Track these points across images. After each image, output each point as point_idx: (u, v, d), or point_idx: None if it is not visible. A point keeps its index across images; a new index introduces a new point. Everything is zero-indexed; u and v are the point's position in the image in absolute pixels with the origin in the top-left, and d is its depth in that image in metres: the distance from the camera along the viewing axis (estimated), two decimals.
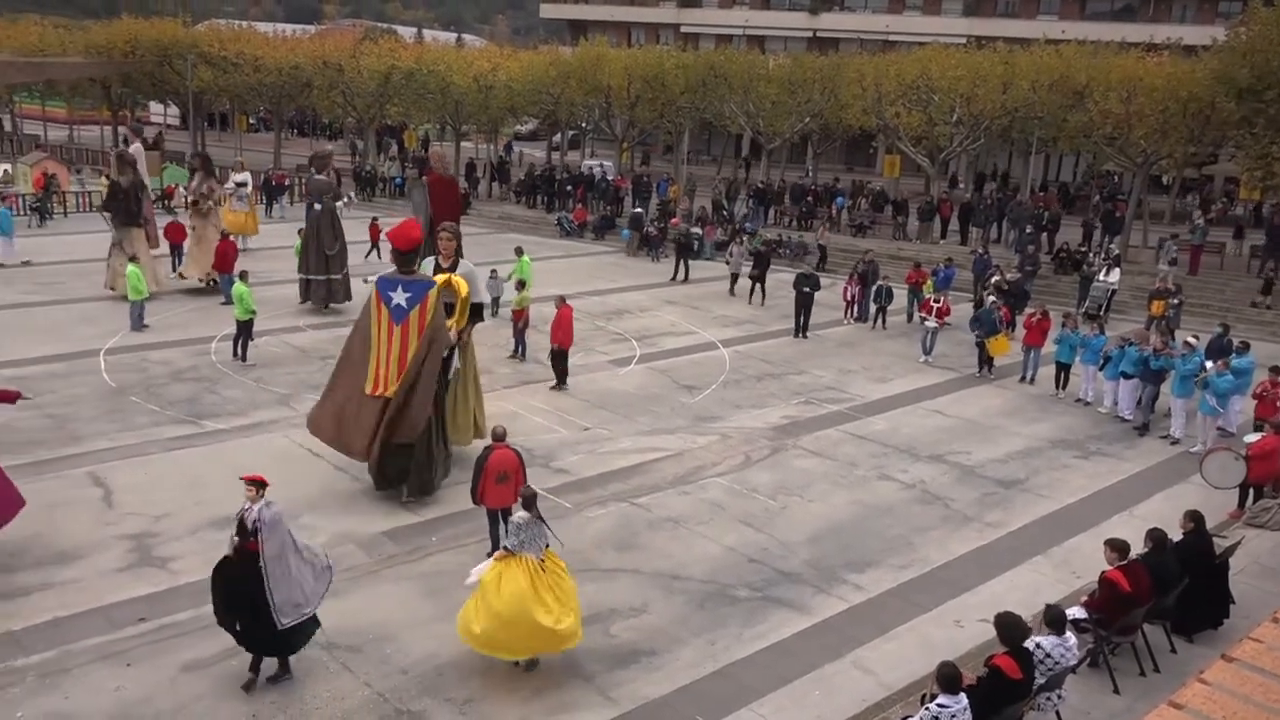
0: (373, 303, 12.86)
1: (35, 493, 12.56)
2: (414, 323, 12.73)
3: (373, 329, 12.79)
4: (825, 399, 18.44)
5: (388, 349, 12.70)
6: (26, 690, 8.84)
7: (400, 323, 12.69)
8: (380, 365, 12.73)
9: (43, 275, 24.50)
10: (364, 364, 12.85)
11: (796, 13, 57.08)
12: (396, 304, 12.71)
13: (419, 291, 12.80)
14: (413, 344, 12.74)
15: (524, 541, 9.21)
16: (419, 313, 12.73)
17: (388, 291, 12.77)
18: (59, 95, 54.40)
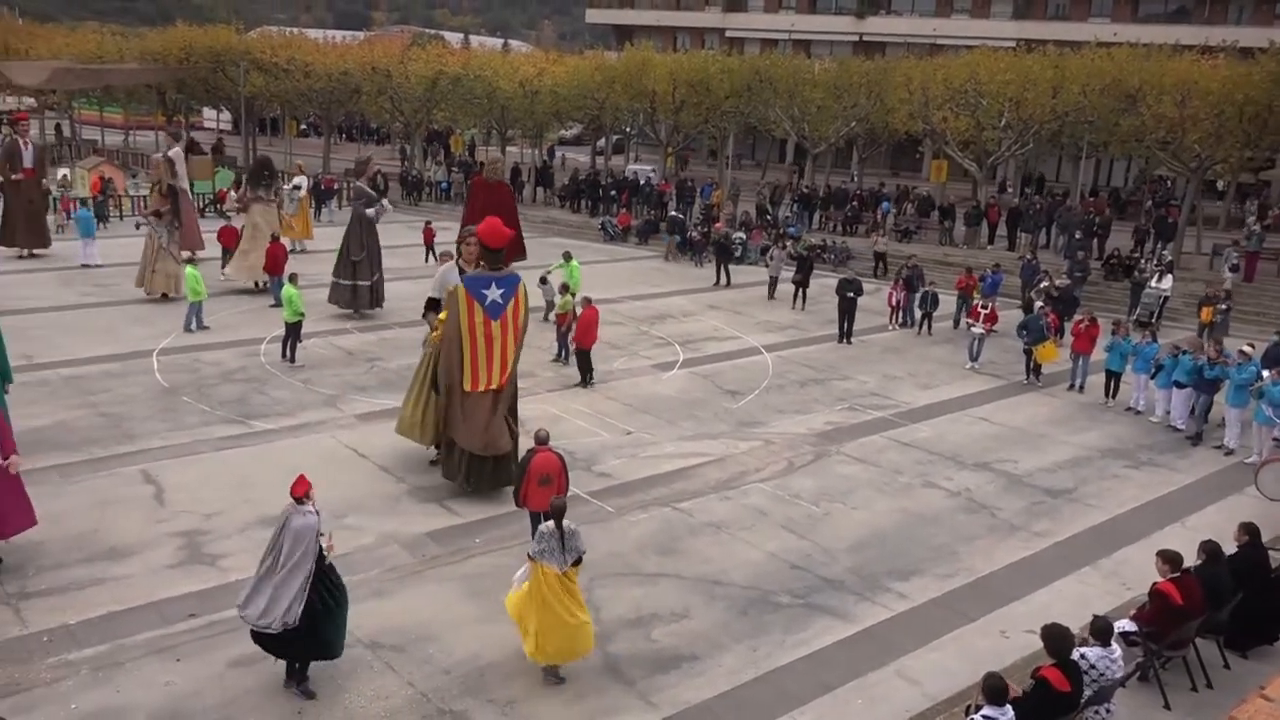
0: (462, 303, 12.83)
1: (89, 490, 12.89)
2: (510, 318, 13.01)
3: (464, 327, 12.82)
4: (869, 405, 18.30)
5: (486, 346, 12.90)
6: (80, 683, 9.03)
7: (498, 318, 12.92)
8: (479, 362, 12.92)
9: (99, 277, 25.04)
10: (459, 365, 12.98)
11: (842, 17, 56.76)
12: (492, 300, 12.88)
13: (510, 287, 13.07)
14: (511, 340, 13.07)
15: (543, 551, 9.14)
16: (514, 308, 13.03)
17: (480, 290, 12.87)
18: (116, 101, 55.57)
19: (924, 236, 35.10)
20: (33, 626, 9.82)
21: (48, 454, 13.70)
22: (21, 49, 55.33)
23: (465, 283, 13.00)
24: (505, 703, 9.11)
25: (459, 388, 13.03)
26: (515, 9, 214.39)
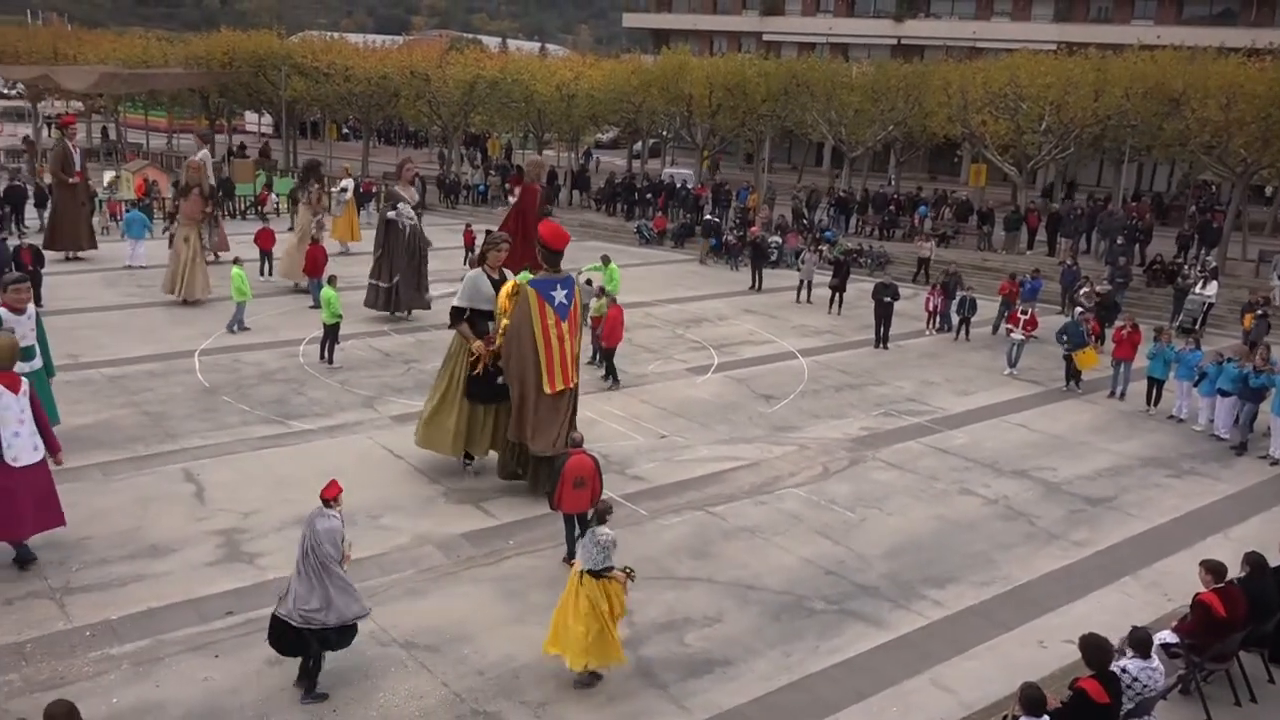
0: (533, 304, 12.95)
1: (132, 487, 13.09)
2: (573, 317, 13.33)
3: (537, 329, 12.93)
4: (906, 411, 18.16)
5: (560, 346, 13.10)
6: (121, 677, 9.18)
7: (565, 319, 13.15)
8: (554, 363, 13.09)
9: (143, 278, 25.44)
10: (536, 368, 13.04)
11: (881, 20, 56.44)
12: (559, 301, 13.12)
13: (570, 287, 13.40)
14: (572, 338, 13.33)
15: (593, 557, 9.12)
16: (574, 306, 13.37)
17: (548, 291, 13.09)
18: (160, 105, 56.47)
19: (962, 241, 34.80)
20: (76, 621, 9.99)
21: (92, 452, 13.94)
22: (70, 54, 56.40)
23: (535, 285, 13.13)
24: (538, 704, 9.14)
25: (536, 391, 13.02)
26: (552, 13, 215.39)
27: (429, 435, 13.89)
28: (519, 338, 13.01)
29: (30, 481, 10.81)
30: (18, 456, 10.69)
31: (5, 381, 10.72)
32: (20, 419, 10.75)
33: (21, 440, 10.73)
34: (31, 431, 10.84)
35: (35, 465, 10.87)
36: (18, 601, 10.27)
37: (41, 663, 9.29)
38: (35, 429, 10.90)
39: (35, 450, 10.86)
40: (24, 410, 10.78)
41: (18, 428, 10.71)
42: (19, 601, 10.28)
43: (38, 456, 10.90)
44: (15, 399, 10.72)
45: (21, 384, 10.88)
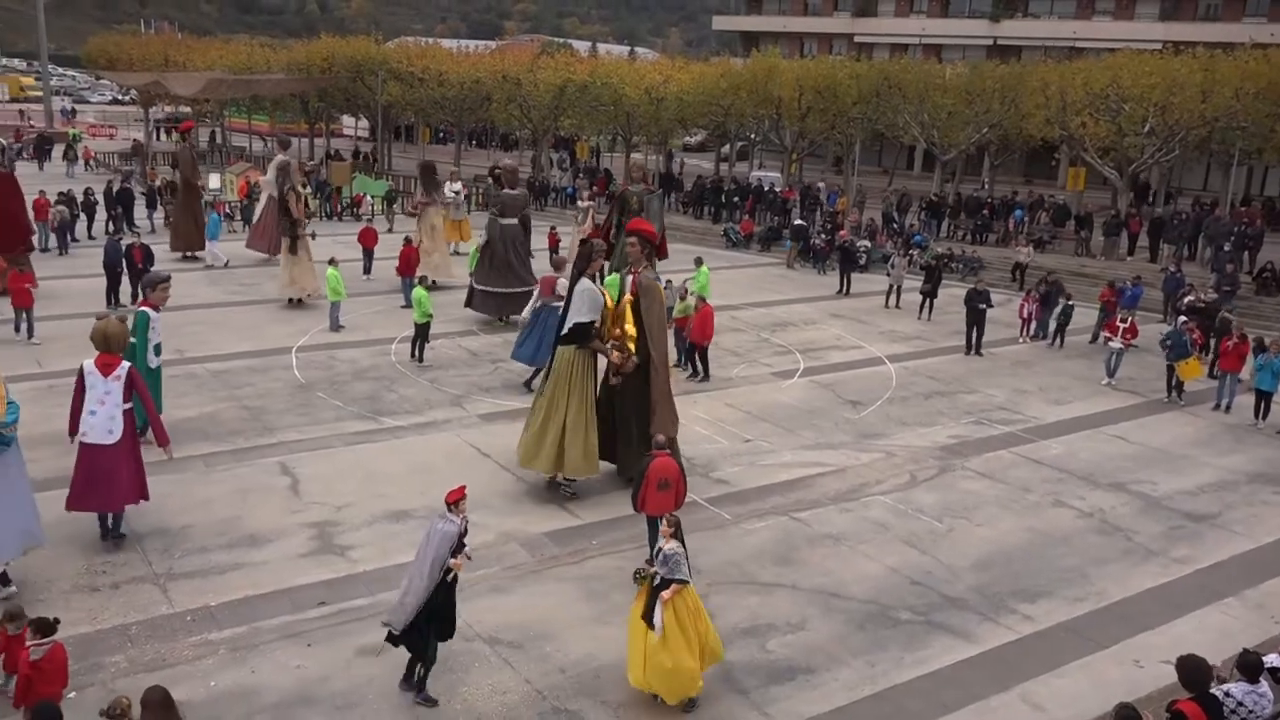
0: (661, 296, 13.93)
1: (232, 478, 13.56)
2: None
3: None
4: (997, 419, 17.75)
5: None
6: (219, 662, 9.51)
7: None
8: None
9: (243, 276, 26.33)
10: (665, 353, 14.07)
11: (976, 20, 55.26)
12: None
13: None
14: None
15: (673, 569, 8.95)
16: None
17: None
18: (263, 109, 58.41)
19: (1059, 247, 33.88)
20: (178, 606, 10.39)
21: (196, 443, 14.48)
22: (180, 61, 58.78)
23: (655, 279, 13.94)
24: (618, 705, 9.18)
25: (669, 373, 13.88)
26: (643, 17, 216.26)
27: (574, 461, 13.19)
28: (660, 325, 13.73)
29: (98, 460, 11.24)
30: (87, 433, 11.21)
31: (101, 362, 11.30)
32: (101, 400, 11.22)
33: (96, 419, 11.21)
34: (109, 416, 11.23)
35: (107, 447, 11.22)
36: (124, 586, 10.73)
37: (145, 645, 9.69)
38: (116, 414, 11.25)
39: (109, 434, 11.23)
40: (108, 394, 11.23)
41: (96, 407, 11.20)
42: (125, 586, 10.73)
43: (110, 440, 11.22)
44: (103, 380, 11.23)
45: (115, 369, 11.34)
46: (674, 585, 8.85)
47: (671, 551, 8.91)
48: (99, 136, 62.20)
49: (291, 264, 23.40)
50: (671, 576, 8.87)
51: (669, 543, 8.95)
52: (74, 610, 10.07)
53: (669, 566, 8.89)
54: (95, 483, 11.27)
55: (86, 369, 11.32)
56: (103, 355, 11.40)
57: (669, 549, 8.92)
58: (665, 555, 8.92)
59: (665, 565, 8.90)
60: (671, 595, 8.82)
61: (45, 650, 8.11)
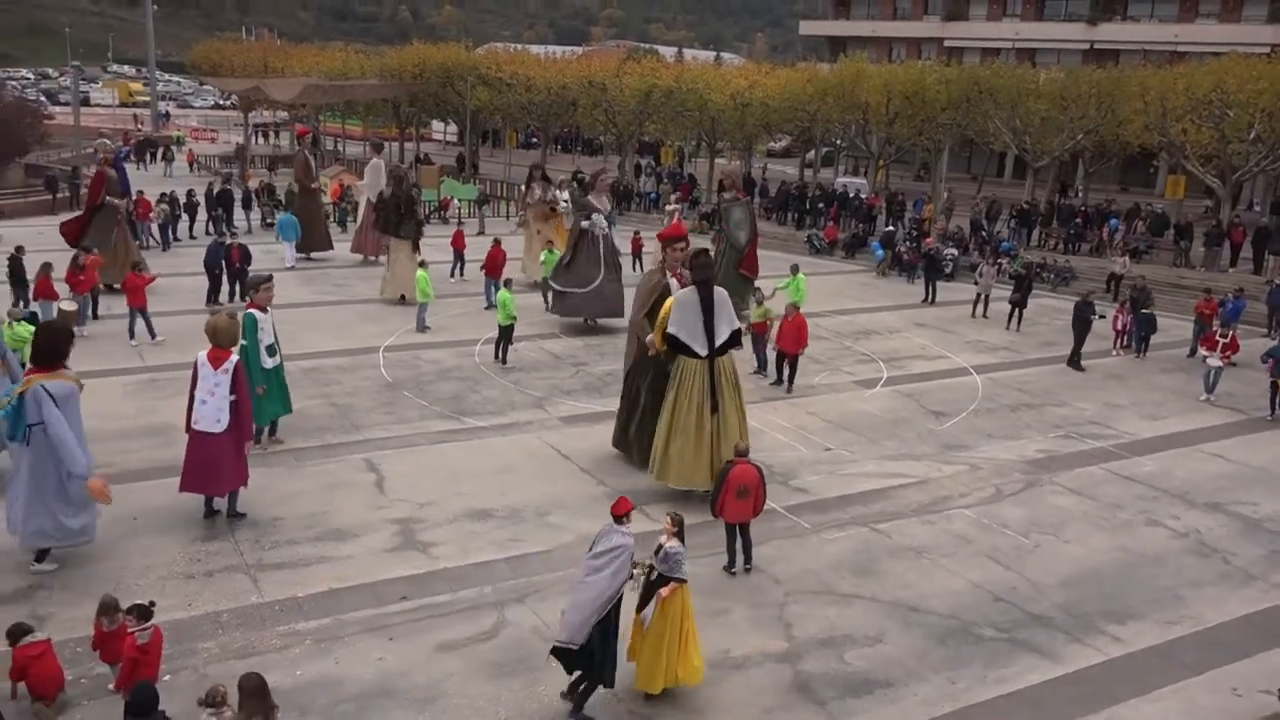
0: None
1: (321, 474, 13.92)
2: None
3: None
4: (1087, 434, 17.26)
5: None
6: (305, 652, 9.77)
7: None
8: None
9: (335, 277, 27.03)
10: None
11: (1072, 24, 53.86)
12: None
13: None
14: None
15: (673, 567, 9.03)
16: None
17: None
18: (356, 114, 59.93)
19: (1156, 257, 32.80)
20: (267, 596, 10.70)
21: (288, 439, 14.90)
22: (279, 67, 60.66)
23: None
24: (692, 710, 9.17)
25: None
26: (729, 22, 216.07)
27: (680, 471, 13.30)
28: None
29: (209, 447, 11.84)
30: (198, 421, 11.82)
31: (213, 355, 11.89)
32: (211, 391, 11.80)
33: (206, 409, 11.80)
34: (219, 406, 11.80)
35: (215, 435, 11.81)
36: (217, 574, 11.10)
37: (236, 632, 10.00)
38: (224, 405, 11.82)
39: (218, 423, 11.82)
40: (218, 385, 11.81)
41: (206, 397, 11.80)
42: (219, 574, 11.10)
43: (218, 429, 11.82)
44: (213, 372, 11.81)
45: (225, 361, 11.90)
46: (672, 583, 8.96)
47: (673, 550, 8.99)
48: (201, 140, 64.49)
49: (398, 264, 24.01)
50: (671, 574, 8.97)
51: (670, 541, 9.03)
52: (169, 596, 10.45)
53: (669, 564, 8.97)
54: (203, 468, 11.89)
55: (200, 361, 11.92)
56: (214, 349, 11.96)
57: (670, 547, 9.01)
58: (666, 553, 8.99)
59: (665, 563, 8.98)
60: (669, 593, 8.95)
61: (149, 634, 8.47)
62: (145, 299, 19.91)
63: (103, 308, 21.62)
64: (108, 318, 21.19)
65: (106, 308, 21.81)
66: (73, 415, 10.72)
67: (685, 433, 13.08)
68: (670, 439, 13.20)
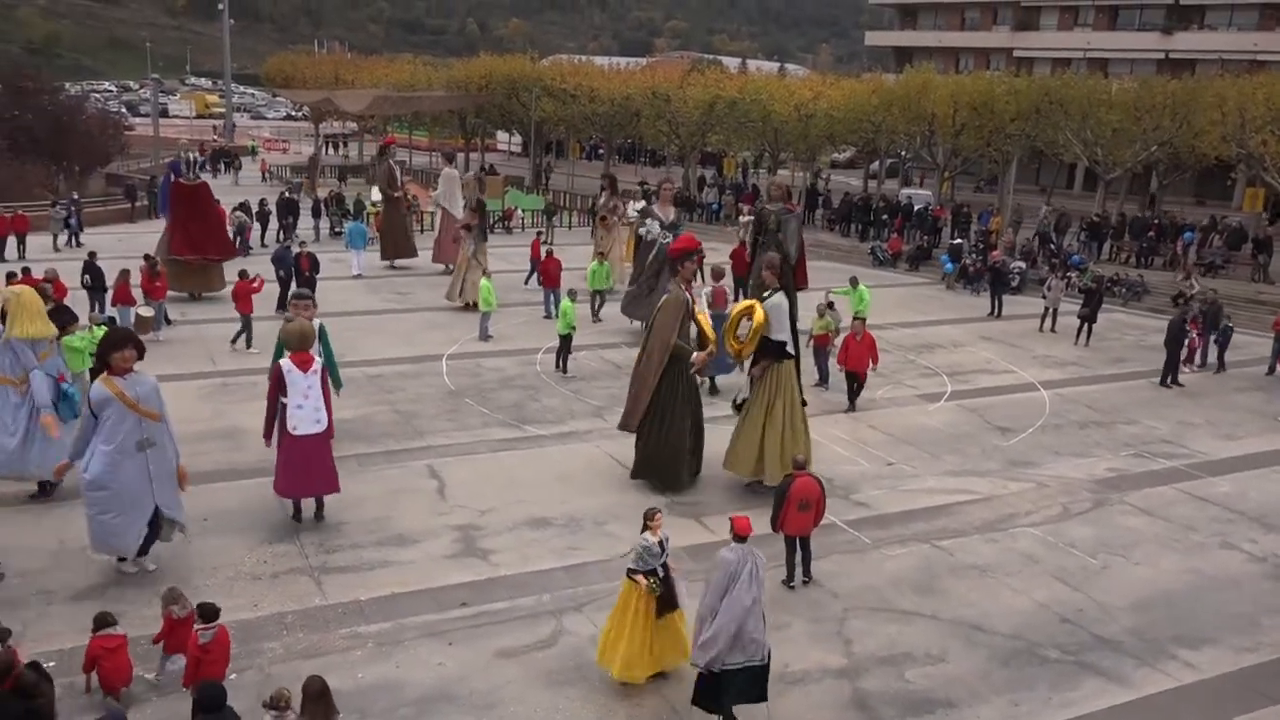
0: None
1: (384, 479, 14.12)
2: None
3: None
4: (1159, 453, 16.81)
5: None
6: (367, 655, 9.91)
7: None
8: None
9: (399, 285, 27.45)
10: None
11: (1147, 33, 52.74)
12: None
13: None
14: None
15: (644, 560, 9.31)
16: None
17: None
18: (423, 125, 60.87)
19: (1233, 272, 31.87)
20: (330, 599, 10.88)
21: (352, 444, 15.14)
22: (349, 79, 61.87)
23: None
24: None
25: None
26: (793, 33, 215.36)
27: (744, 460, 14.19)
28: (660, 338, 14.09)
29: (308, 450, 12.11)
30: (297, 426, 12.02)
31: (297, 359, 12.14)
32: (305, 394, 12.05)
33: (303, 412, 12.05)
34: (315, 407, 12.10)
35: (314, 436, 12.11)
36: (283, 576, 11.32)
37: (300, 634, 10.19)
38: (320, 405, 12.13)
39: (316, 424, 12.12)
40: (311, 387, 12.10)
41: (301, 401, 12.03)
42: (284, 576, 11.32)
43: (318, 429, 12.12)
44: (303, 376, 12.07)
45: (312, 364, 12.19)
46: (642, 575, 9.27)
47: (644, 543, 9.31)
48: (273, 150, 66.02)
49: (466, 271, 24.39)
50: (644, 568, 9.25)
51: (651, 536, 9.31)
52: (237, 596, 10.69)
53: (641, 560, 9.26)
54: (302, 469, 12.17)
55: (285, 367, 12.11)
56: (298, 353, 12.20)
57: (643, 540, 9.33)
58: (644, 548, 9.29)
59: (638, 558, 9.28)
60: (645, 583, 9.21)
61: (212, 634, 8.66)
62: (252, 305, 20.31)
63: (176, 313, 22.22)
64: (181, 323, 21.77)
65: (180, 313, 22.42)
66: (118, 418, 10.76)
67: (777, 429, 13.79)
68: (765, 438, 13.75)
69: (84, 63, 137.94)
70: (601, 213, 27.25)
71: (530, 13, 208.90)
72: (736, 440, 14.17)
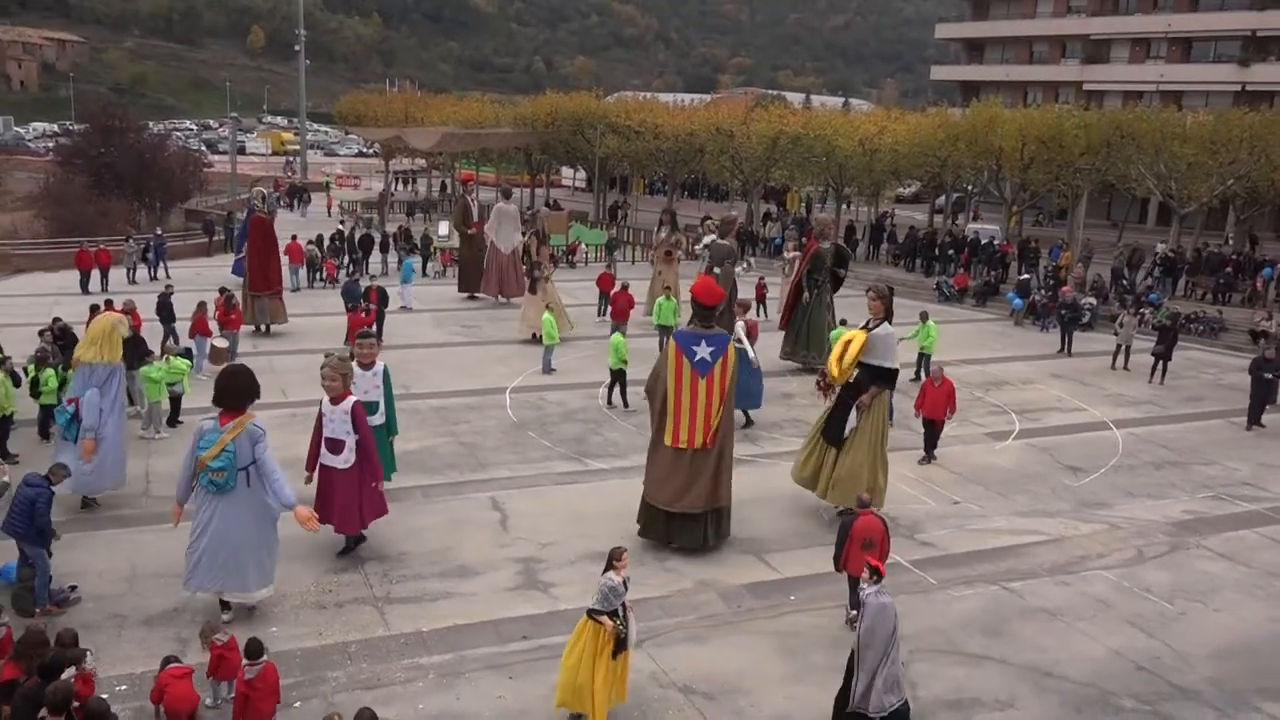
0: (671, 355, 13.08)
1: (447, 510, 14.25)
2: (716, 377, 12.92)
3: (671, 382, 12.98)
4: (1240, 496, 16.26)
5: (691, 402, 12.91)
6: (427, 686, 9.96)
7: (705, 376, 12.91)
8: (682, 419, 12.95)
9: (465, 318, 27.82)
10: (661, 416, 13.15)
11: (1222, 65, 51.72)
12: (700, 358, 12.91)
13: (720, 346, 13.05)
14: (716, 400, 12.92)
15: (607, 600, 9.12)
16: (721, 367, 12.95)
17: (690, 345, 12.98)
18: (490, 161, 61.89)
19: None
20: (393, 629, 10.97)
21: (416, 475, 15.33)
22: (419, 117, 63.23)
23: (676, 336, 13.32)
24: None
25: (659, 441, 13.19)
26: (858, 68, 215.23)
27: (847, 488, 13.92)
28: (655, 384, 13.26)
29: (331, 480, 12.16)
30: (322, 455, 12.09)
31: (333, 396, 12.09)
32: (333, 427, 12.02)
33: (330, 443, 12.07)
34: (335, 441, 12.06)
35: (338, 470, 12.08)
36: (348, 605, 11.45)
37: (363, 663, 10.28)
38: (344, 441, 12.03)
39: (336, 457, 12.08)
40: (336, 421, 12.02)
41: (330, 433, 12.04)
42: (348, 605, 11.45)
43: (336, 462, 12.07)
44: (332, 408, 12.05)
45: (346, 400, 12.11)
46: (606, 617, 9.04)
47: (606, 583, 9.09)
48: (345, 186, 67.59)
49: (529, 303, 24.72)
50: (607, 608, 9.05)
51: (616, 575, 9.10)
52: (302, 625, 10.84)
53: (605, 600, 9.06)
54: (328, 500, 12.19)
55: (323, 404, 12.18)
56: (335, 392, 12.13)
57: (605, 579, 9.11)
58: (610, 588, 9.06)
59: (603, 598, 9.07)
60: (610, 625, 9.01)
61: (258, 670, 8.72)
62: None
63: (249, 345, 22.78)
64: (254, 354, 22.30)
65: (252, 345, 22.98)
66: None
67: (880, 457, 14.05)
68: (874, 466, 13.87)
69: (167, 102, 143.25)
70: (665, 247, 27.37)
71: (596, 50, 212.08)
72: (841, 470, 13.92)
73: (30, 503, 10.78)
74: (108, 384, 13.44)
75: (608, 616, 9.05)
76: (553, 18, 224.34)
